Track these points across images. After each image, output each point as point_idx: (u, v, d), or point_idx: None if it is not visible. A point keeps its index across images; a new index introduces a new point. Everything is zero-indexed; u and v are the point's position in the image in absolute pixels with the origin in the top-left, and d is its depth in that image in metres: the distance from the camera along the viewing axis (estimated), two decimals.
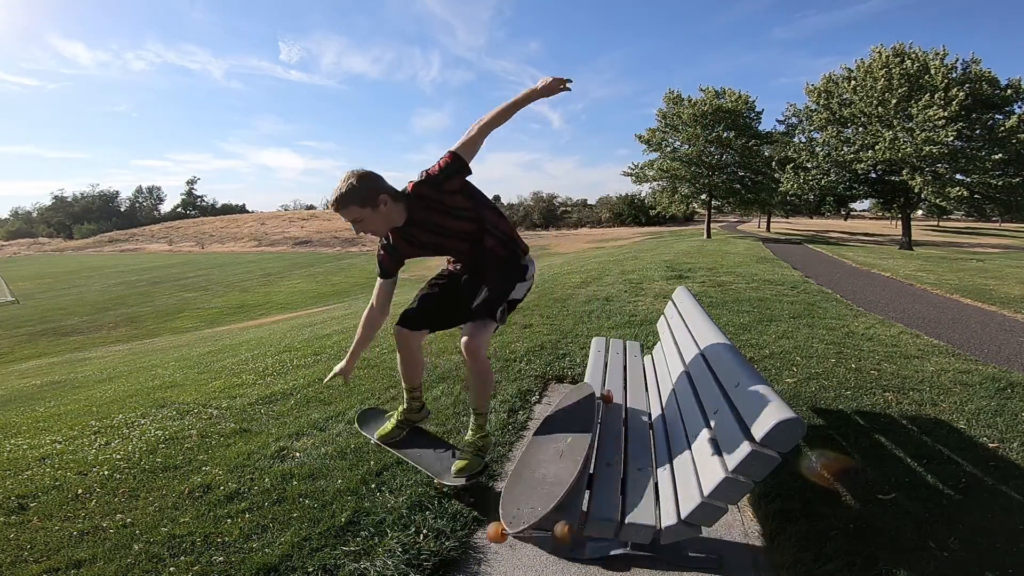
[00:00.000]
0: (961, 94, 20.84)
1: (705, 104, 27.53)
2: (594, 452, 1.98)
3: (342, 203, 1.81)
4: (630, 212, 60.76)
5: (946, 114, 20.90)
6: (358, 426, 2.41)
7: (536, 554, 1.82)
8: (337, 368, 2.19)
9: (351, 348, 2.16)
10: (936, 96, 21.32)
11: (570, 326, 4.93)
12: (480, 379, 2.09)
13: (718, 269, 9.76)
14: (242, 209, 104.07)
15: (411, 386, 2.25)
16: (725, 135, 28.07)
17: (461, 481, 2.02)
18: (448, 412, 2.92)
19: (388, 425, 2.30)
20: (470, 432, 2.15)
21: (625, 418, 2.29)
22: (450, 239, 2.00)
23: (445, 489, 2.07)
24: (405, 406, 2.28)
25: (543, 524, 1.66)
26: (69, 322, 17.55)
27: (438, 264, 2.26)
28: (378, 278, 2.08)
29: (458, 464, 2.05)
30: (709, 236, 28.45)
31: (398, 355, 2.17)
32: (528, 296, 2.32)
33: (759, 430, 1.32)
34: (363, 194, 1.81)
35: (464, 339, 2.01)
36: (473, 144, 1.93)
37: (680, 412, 2.00)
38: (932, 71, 22.00)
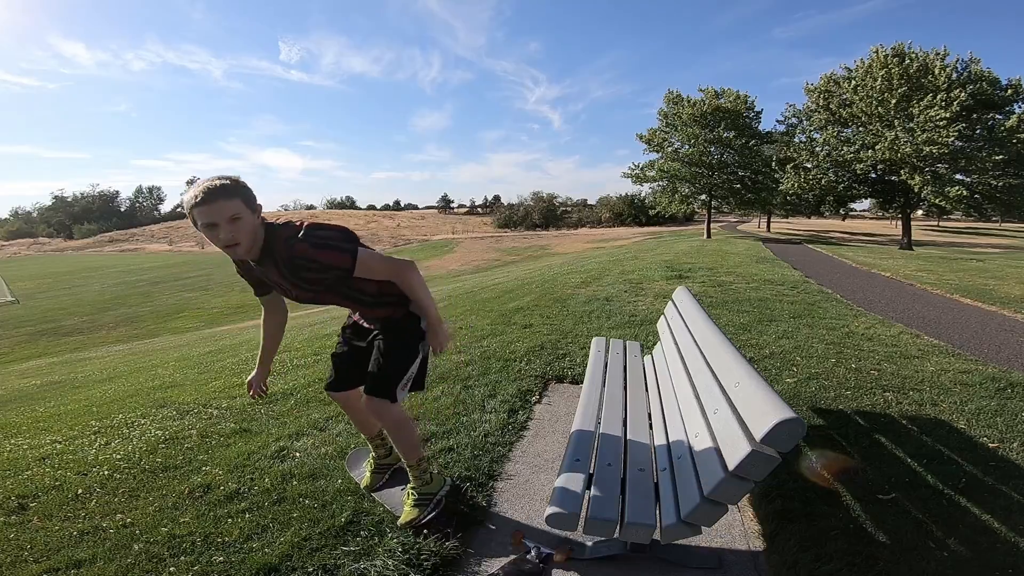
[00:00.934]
0: (963, 95, 20.83)
1: (705, 104, 27.53)
2: (595, 452, 1.98)
3: (226, 193, 1.48)
4: (630, 212, 60.75)
5: (948, 115, 20.90)
6: (347, 468, 2.31)
7: None
8: (248, 379, 2.02)
9: (259, 357, 2.00)
10: (938, 97, 21.32)
11: (570, 326, 4.93)
12: (396, 430, 1.87)
13: (718, 269, 9.76)
14: None
15: (369, 436, 2.16)
16: (725, 135, 28.07)
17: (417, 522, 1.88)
18: (448, 412, 2.92)
19: (367, 476, 2.18)
20: (410, 483, 1.95)
21: (625, 418, 2.29)
22: (313, 292, 1.69)
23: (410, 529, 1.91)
24: (374, 454, 2.19)
25: None
26: (69, 322, 17.54)
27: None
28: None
29: (403, 517, 1.90)
30: (709, 236, 28.44)
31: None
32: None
33: (759, 430, 1.32)
34: (248, 193, 1.56)
35: (364, 399, 1.84)
36: (381, 273, 1.71)
37: (680, 412, 2.00)
38: (936, 71, 22.00)
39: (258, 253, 1.62)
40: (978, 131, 22.40)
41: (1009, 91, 22.69)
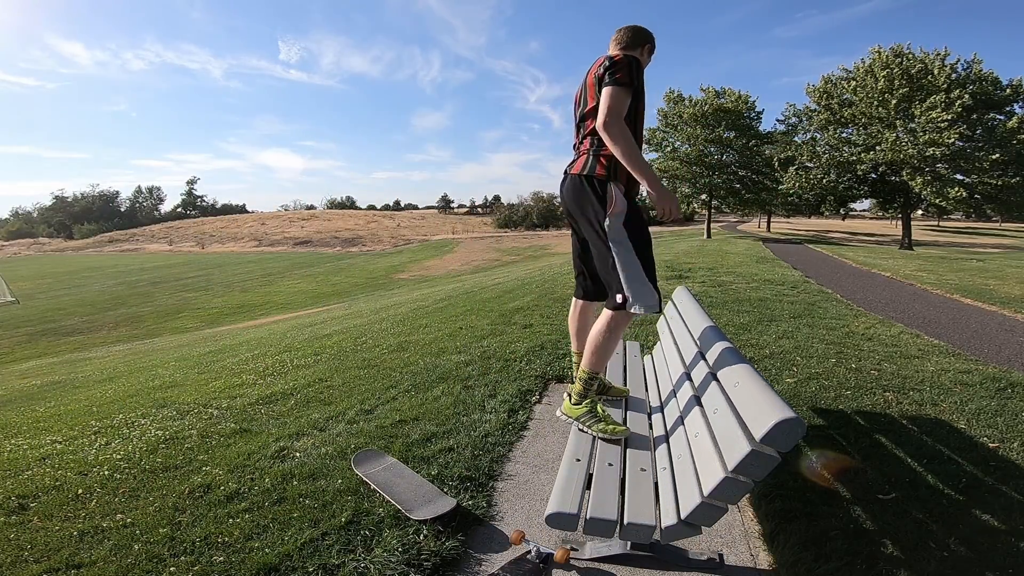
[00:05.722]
0: (965, 96, 20.83)
1: (706, 104, 27.53)
2: (595, 452, 1.98)
3: None
4: None
5: (949, 116, 20.90)
6: (354, 467, 2.30)
7: None
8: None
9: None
10: (938, 98, 21.32)
11: None
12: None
13: (718, 269, 9.76)
14: (242, 209, 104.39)
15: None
16: (725, 135, 28.06)
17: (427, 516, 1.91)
18: (448, 412, 2.92)
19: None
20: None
21: (624, 418, 2.29)
22: None
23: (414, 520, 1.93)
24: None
25: None
26: (69, 322, 17.56)
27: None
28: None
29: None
30: (709, 236, 28.45)
31: (618, 337, 2.08)
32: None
33: (759, 430, 1.32)
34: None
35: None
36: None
37: (680, 412, 2.00)
38: (935, 72, 22.00)
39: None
40: (979, 131, 22.41)
41: (1009, 91, 22.71)
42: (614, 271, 1.99)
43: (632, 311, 1.97)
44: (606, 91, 1.87)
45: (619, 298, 1.98)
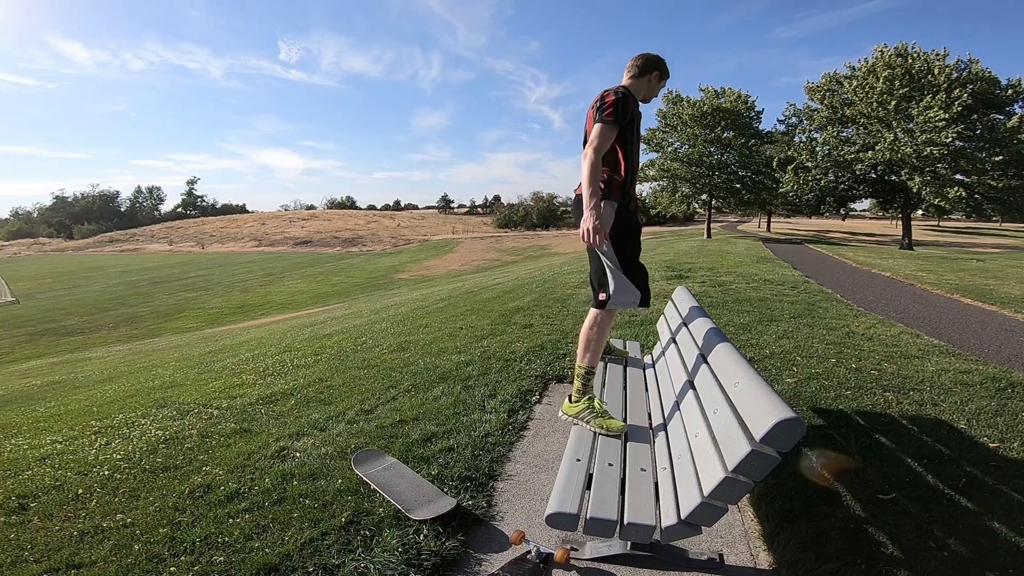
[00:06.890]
0: (965, 95, 20.81)
1: (705, 104, 27.52)
2: (595, 451, 1.98)
3: None
4: None
5: (947, 115, 20.88)
6: (354, 466, 2.30)
7: None
8: None
9: None
10: (937, 97, 21.31)
11: (570, 326, 4.92)
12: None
13: (718, 269, 9.75)
14: (242, 209, 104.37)
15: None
16: (725, 135, 28.05)
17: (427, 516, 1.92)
18: (448, 412, 2.92)
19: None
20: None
21: (625, 418, 2.29)
22: None
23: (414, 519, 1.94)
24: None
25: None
26: (69, 322, 17.56)
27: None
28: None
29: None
30: (709, 236, 28.45)
31: (605, 332, 2.31)
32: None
33: (759, 430, 1.32)
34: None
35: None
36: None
37: (680, 412, 2.00)
38: (935, 71, 21.99)
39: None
40: (979, 131, 22.38)
41: (1009, 91, 22.70)
42: (597, 274, 2.30)
43: (612, 307, 2.28)
44: (595, 127, 2.15)
45: (602, 296, 2.27)
